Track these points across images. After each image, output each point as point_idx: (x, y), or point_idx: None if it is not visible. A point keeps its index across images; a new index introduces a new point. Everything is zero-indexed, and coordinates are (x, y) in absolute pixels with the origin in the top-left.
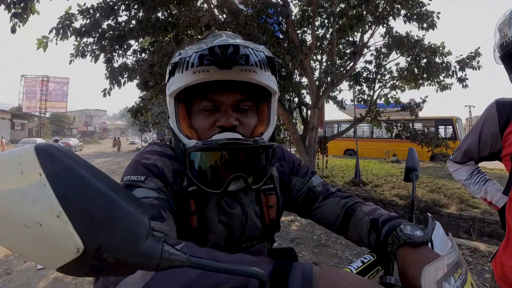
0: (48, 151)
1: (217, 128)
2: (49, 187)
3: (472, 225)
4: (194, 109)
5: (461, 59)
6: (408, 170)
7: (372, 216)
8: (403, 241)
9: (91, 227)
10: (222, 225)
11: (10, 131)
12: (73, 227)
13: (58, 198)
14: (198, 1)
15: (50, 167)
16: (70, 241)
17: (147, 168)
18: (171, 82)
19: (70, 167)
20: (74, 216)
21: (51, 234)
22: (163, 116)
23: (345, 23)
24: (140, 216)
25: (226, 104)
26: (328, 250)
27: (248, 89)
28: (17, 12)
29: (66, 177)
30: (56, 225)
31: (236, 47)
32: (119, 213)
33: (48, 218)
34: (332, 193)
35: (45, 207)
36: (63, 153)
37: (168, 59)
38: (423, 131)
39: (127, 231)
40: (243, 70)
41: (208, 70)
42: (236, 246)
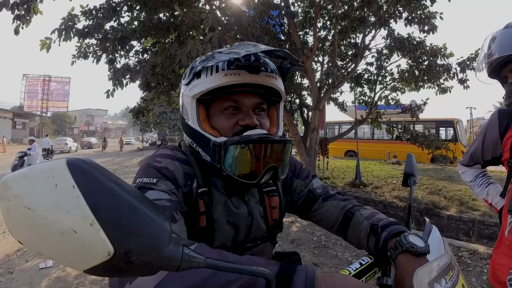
0: (79, 165)
1: (239, 127)
2: (82, 198)
3: (472, 227)
4: (214, 110)
5: (461, 61)
6: (406, 176)
7: (372, 221)
8: (405, 249)
9: (120, 233)
10: (229, 225)
11: (12, 130)
12: (105, 234)
13: (90, 208)
14: (200, 3)
15: (82, 180)
16: (102, 246)
17: (159, 171)
18: (195, 84)
19: (100, 180)
20: (105, 223)
21: (85, 240)
22: (164, 117)
23: (347, 25)
24: (162, 222)
25: (248, 105)
26: (328, 251)
27: (266, 94)
28: (20, 14)
29: (97, 189)
30: (89, 232)
31: (257, 56)
32: (144, 220)
33: (82, 226)
34: (332, 195)
35: (79, 216)
36: (92, 167)
37: (170, 60)
38: (424, 133)
39: (151, 236)
40: (267, 76)
41: (240, 73)
42: (241, 246)
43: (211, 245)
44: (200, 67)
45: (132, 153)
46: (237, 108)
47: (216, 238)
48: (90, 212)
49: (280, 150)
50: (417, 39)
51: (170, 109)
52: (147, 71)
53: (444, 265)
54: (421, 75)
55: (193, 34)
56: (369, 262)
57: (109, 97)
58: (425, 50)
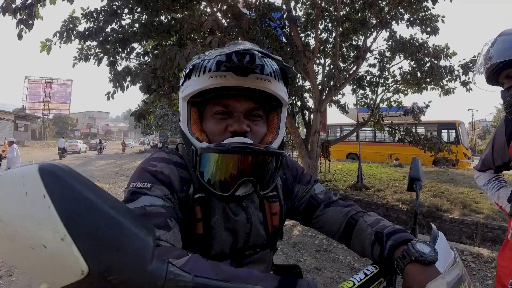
0: (51, 172)
1: (229, 133)
2: (54, 209)
3: (475, 230)
4: (206, 114)
5: (464, 63)
6: (411, 180)
7: (376, 229)
8: (414, 258)
9: (96, 250)
10: (227, 232)
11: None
12: (78, 250)
13: (62, 221)
14: (201, 5)
15: (54, 189)
16: (75, 263)
17: (154, 175)
18: (186, 85)
19: (75, 188)
20: (78, 238)
21: (55, 256)
22: (166, 119)
23: (349, 27)
24: (145, 237)
25: (239, 110)
26: (329, 255)
27: (260, 98)
28: (22, 18)
29: (71, 198)
30: (60, 248)
31: (252, 56)
32: (124, 235)
33: (53, 240)
34: (334, 201)
35: (50, 230)
36: (67, 173)
37: (171, 63)
38: (426, 136)
39: (132, 253)
40: (258, 79)
41: (225, 75)
42: (240, 254)
43: (209, 253)
44: (191, 66)
45: (133, 155)
46: (228, 113)
47: (213, 245)
48: (62, 225)
49: (262, 162)
50: (419, 41)
51: (172, 111)
52: (147, 74)
53: (456, 277)
54: (423, 77)
55: (194, 37)
56: (374, 272)
57: (110, 99)
58: (428, 52)
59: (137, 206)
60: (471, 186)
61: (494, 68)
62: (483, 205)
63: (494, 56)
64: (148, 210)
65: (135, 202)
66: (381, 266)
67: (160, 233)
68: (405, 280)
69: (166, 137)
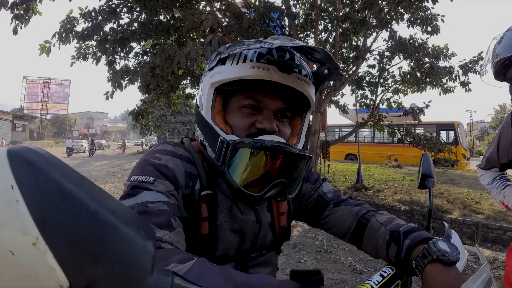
0: (24, 157)
1: (255, 130)
2: (24, 204)
3: (476, 231)
4: (232, 105)
5: (464, 64)
6: (423, 177)
7: (391, 228)
8: (436, 257)
9: (78, 259)
10: (234, 233)
11: (11, 132)
12: (55, 258)
13: (34, 220)
14: (200, 4)
15: (25, 178)
16: (51, 276)
17: (157, 169)
18: (218, 71)
19: (53, 178)
20: (55, 243)
21: (26, 266)
22: (164, 120)
23: (349, 27)
24: (143, 242)
25: (270, 108)
26: (330, 256)
27: (291, 99)
28: (19, 13)
29: (47, 191)
30: (32, 255)
31: (292, 54)
32: (115, 239)
33: (22, 245)
34: (343, 200)
35: (18, 231)
36: (44, 159)
37: (170, 61)
38: (426, 136)
39: (125, 263)
40: (299, 79)
41: (269, 69)
42: (246, 256)
43: (213, 255)
44: (227, 53)
45: (131, 156)
46: (257, 109)
47: (218, 247)
48: (34, 225)
49: (295, 165)
50: (419, 41)
51: (170, 112)
52: (146, 72)
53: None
54: (423, 76)
55: (194, 36)
56: (391, 274)
57: (108, 99)
58: (427, 52)
59: (138, 202)
60: (471, 187)
61: (502, 63)
62: (483, 205)
63: (502, 51)
64: (150, 207)
65: (136, 198)
66: (397, 267)
67: (162, 233)
68: (425, 282)
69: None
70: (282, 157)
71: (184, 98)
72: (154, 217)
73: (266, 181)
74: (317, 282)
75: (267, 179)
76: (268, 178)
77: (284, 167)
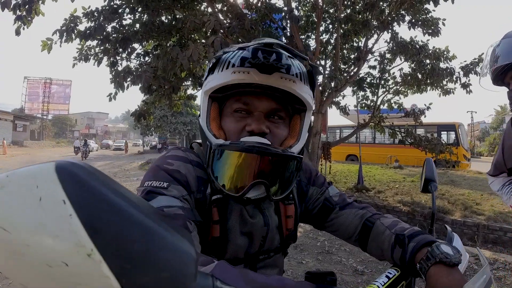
0: (71, 171)
1: (246, 133)
2: (76, 218)
3: (476, 232)
4: (226, 110)
5: (464, 65)
6: (426, 181)
7: (395, 231)
8: (439, 260)
9: (129, 266)
10: (243, 235)
11: (12, 132)
12: (108, 268)
13: (88, 232)
14: (202, 6)
15: (76, 192)
16: (105, 284)
17: (170, 174)
18: (209, 79)
19: (100, 192)
20: (109, 253)
21: (80, 276)
22: (165, 120)
23: (350, 28)
24: (187, 248)
25: (260, 109)
26: (332, 257)
27: (284, 100)
28: (21, 14)
29: (97, 204)
30: (87, 266)
31: (279, 55)
32: (162, 247)
33: (77, 257)
34: (349, 203)
35: (72, 244)
36: (89, 173)
37: (172, 63)
38: (427, 137)
39: (172, 269)
40: (283, 78)
41: (249, 72)
42: (254, 258)
43: (223, 257)
44: (214, 60)
45: (132, 156)
46: (249, 112)
47: (228, 249)
48: (88, 238)
49: (278, 165)
50: (420, 43)
51: (171, 112)
52: (149, 76)
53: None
54: (423, 78)
55: (195, 37)
56: (396, 275)
57: (111, 100)
58: (428, 54)
59: None
60: (471, 188)
61: (500, 69)
62: (484, 206)
63: (500, 58)
64: (166, 211)
65: (151, 203)
66: (402, 269)
67: None
68: (428, 283)
69: (165, 138)
70: (260, 157)
71: (186, 99)
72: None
73: (244, 181)
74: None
75: (245, 179)
76: (246, 178)
77: (263, 167)
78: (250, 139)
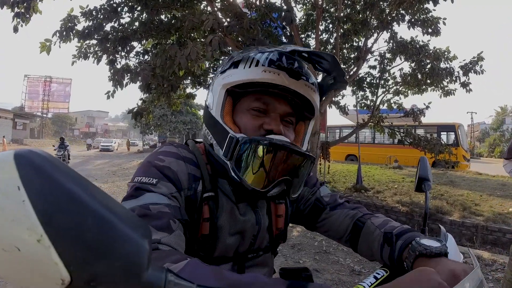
0: (29, 160)
1: (263, 131)
2: (29, 204)
3: (475, 232)
4: (241, 106)
5: (464, 64)
6: (420, 180)
7: (385, 230)
8: (419, 253)
9: (79, 255)
10: (234, 234)
11: (12, 130)
12: (57, 254)
13: (39, 218)
14: (201, 4)
15: (31, 180)
16: (53, 270)
17: (160, 171)
18: (230, 73)
19: (56, 180)
20: (59, 240)
21: (31, 261)
22: (165, 119)
23: (350, 28)
24: (140, 240)
25: (278, 111)
26: (329, 257)
27: (296, 105)
28: (19, 11)
29: (51, 191)
30: (36, 251)
31: (300, 63)
32: (115, 237)
33: (27, 242)
34: (340, 204)
35: (24, 229)
36: (48, 162)
37: (171, 62)
38: (426, 137)
39: (124, 259)
40: (307, 85)
41: (279, 73)
42: (243, 257)
43: (212, 255)
44: (240, 57)
45: (131, 155)
46: (265, 111)
47: (217, 247)
48: (38, 224)
49: (300, 165)
50: (420, 43)
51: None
52: (147, 74)
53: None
54: (423, 78)
55: (194, 36)
56: (385, 276)
57: (109, 98)
58: (428, 54)
59: (140, 203)
60: (471, 189)
61: None
62: (483, 207)
63: None
64: (151, 209)
65: (138, 199)
66: (392, 269)
67: (161, 235)
68: None
69: (165, 137)
70: (288, 155)
71: (185, 98)
72: (154, 219)
73: (271, 178)
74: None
75: (272, 175)
76: (273, 174)
77: (289, 165)
78: (276, 137)
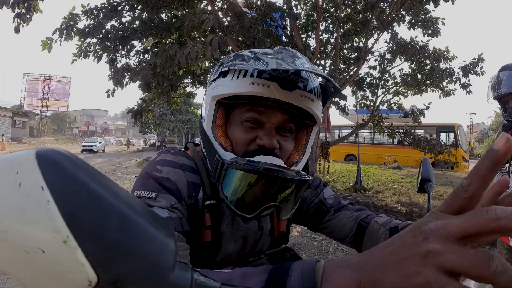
0: (52, 159)
1: (255, 145)
2: (54, 204)
3: None
4: (233, 118)
5: (464, 65)
6: (423, 181)
7: (390, 226)
8: None
9: (106, 255)
10: (236, 240)
11: (11, 129)
12: (84, 255)
13: (64, 219)
14: (202, 4)
15: (55, 179)
16: (80, 272)
17: (159, 183)
18: (219, 84)
19: (80, 179)
20: (85, 241)
21: (56, 263)
22: (164, 118)
23: (350, 28)
24: (166, 240)
25: (272, 122)
26: (329, 256)
27: (295, 113)
28: (20, 12)
29: (75, 192)
30: (62, 253)
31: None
32: (140, 237)
33: (53, 243)
34: (344, 206)
35: (49, 230)
36: (71, 161)
37: (171, 61)
38: (426, 138)
39: (150, 259)
40: (302, 96)
41: (269, 85)
42: (244, 260)
43: (213, 260)
44: (227, 67)
45: (131, 154)
46: (259, 123)
47: (220, 253)
48: (64, 224)
49: (293, 190)
50: (420, 43)
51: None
52: (147, 74)
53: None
54: (423, 79)
55: (195, 35)
56: None
57: (109, 97)
58: (428, 54)
59: None
60: None
61: None
62: None
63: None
64: None
65: None
66: None
67: None
68: None
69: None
70: (274, 181)
71: (185, 97)
72: None
73: (258, 204)
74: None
75: (259, 201)
76: (260, 200)
77: (277, 190)
78: (265, 160)
